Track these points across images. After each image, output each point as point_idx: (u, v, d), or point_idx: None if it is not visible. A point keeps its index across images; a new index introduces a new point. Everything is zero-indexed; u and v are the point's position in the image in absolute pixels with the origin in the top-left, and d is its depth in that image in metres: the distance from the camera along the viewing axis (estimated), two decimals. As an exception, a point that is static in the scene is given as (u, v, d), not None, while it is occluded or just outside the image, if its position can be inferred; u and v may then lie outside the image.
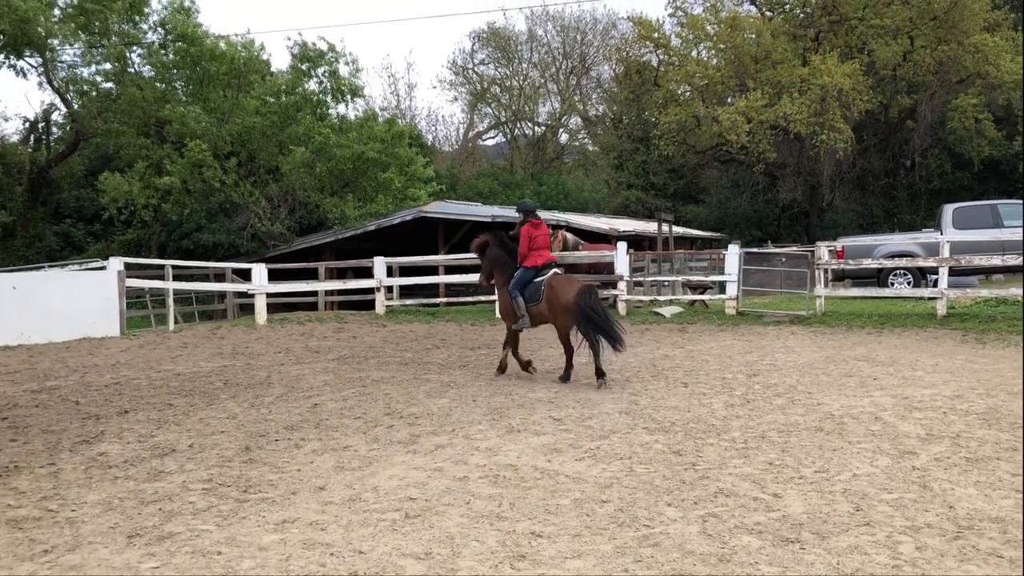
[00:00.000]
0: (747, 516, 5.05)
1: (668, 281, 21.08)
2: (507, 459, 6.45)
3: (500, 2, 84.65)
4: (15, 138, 33.43)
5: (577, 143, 58.64)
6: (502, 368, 10.89)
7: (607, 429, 7.41)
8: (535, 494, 5.54)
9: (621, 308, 18.18)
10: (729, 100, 36.05)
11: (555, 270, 10.69)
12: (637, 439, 7.01)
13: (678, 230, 30.12)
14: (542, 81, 54.39)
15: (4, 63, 27.22)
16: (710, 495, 5.47)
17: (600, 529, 4.85)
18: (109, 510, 5.38)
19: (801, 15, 37.94)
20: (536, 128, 55.27)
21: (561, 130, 56.99)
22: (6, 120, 38.64)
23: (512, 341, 10.86)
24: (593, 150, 55.50)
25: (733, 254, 17.72)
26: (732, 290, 17.58)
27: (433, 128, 56.96)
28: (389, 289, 20.43)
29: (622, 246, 18.63)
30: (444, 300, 21.69)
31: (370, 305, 20.30)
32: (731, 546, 4.58)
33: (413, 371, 11.36)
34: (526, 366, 10.77)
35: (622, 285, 18.34)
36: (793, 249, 26.00)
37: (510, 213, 28.22)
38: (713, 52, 38.48)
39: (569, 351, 10.31)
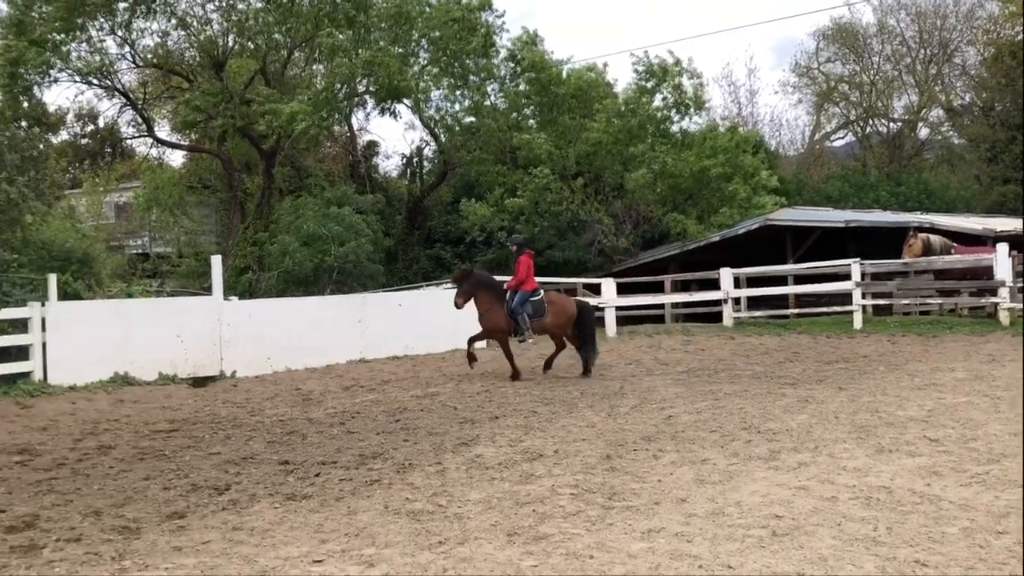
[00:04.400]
0: None
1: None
2: (879, 480, 6.04)
3: (846, -6, 79.80)
4: (395, 173, 37.79)
5: (940, 137, 53.38)
6: (516, 374, 12.89)
7: (996, 452, 6.66)
8: (915, 520, 5.13)
9: (1003, 318, 16.23)
10: None
11: (542, 291, 13.36)
12: (1035, 465, 6.22)
13: (1071, 227, 26.21)
14: (896, 73, 50.26)
15: (382, 109, 30.87)
16: None
17: (998, 564, 4.37)
18: (489, 509, 5.85)
19: None
20: (891, 124, 51.19)
21: (920, 124, 52.23)
22: (387, 158, 43.89)
23: (506, 348, 13.21)
24: (960, 143, 50.19)
25: None
26: None
27: (776, 133, 54.98)
28: (736, 301, 20.09)
29: (1002, 248, 16.66)
30: (795, 311, 20.84)
31: (717, 317, 20.10)
32: None
33: (766, 385, 11.06)
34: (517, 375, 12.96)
35: (1004, 292, 16.38)
36: None
37: (865, 217, 26.44)
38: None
39: (583, 349, 13.00)
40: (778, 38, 79.89)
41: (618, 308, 19.94)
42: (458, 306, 13.42)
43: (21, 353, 13.16)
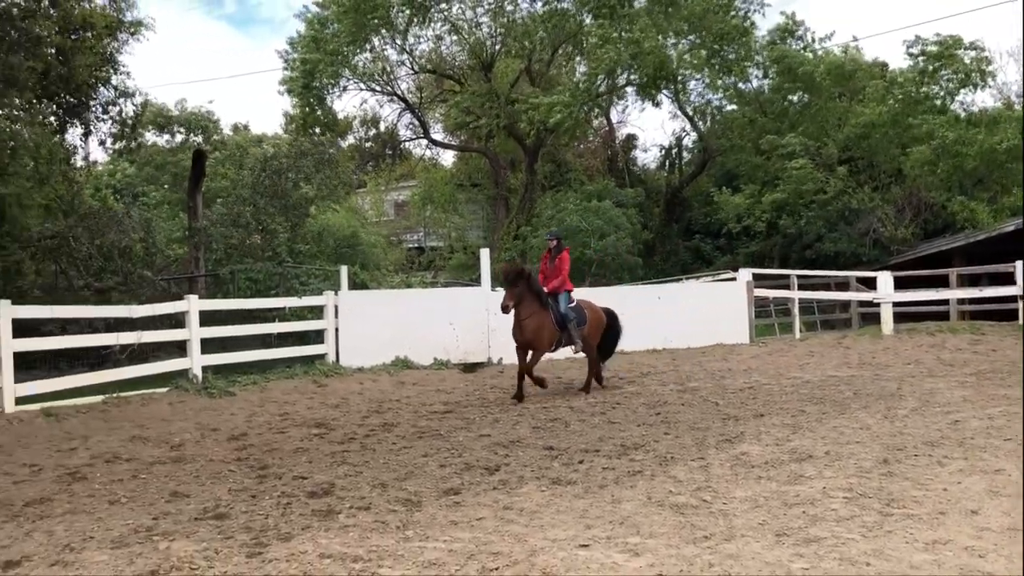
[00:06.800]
0: None
1: None
2: None
3: None
4: (653, 165, 37.73)
5: None
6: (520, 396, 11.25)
7: None
8: None
9: None
10: None
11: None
12: None
13: None
14: None
15: (644, 96, 30.86)
16: None
17: None
18: (756, 507, 5.70)
19: None
20: None
21: None
22: (645, 151, 44.00)
23: (535, 364, 11.45)
24: None
25: None
26: None
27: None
28: (1035, 297, 18.06)
29: None
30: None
31: (1011, 315, 18.18)
32: None
33: (1074, 391, 9.87)
34: (541, 382, 11.51)
35: None
36: None
37: None
38: None
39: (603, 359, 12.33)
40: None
41: (896, 304, 18.57)
42: (506, 310, 11.16)
43: (318, 337, 14.66)
